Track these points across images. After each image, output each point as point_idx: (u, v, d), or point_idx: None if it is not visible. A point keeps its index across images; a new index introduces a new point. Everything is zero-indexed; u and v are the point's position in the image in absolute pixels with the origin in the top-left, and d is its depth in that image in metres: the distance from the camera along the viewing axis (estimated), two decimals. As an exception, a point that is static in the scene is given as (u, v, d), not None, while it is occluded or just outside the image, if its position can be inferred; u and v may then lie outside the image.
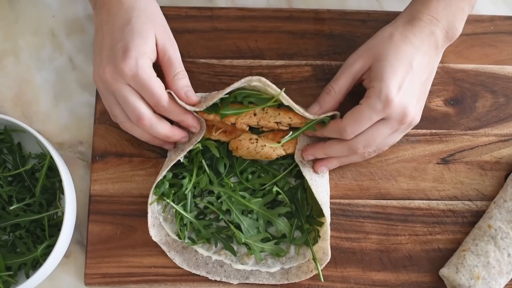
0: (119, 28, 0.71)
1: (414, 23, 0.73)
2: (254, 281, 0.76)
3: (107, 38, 0.71)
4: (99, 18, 0.73)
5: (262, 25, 0.83)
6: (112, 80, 0.70)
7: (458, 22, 0.73)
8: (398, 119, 0.71)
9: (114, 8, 0.72)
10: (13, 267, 0.76)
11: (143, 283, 0.76)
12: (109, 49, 0.71)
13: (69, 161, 0.81)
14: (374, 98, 0.70)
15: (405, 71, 0.70)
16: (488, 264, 0.73)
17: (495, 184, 0.79)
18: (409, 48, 0.71)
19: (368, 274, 0.77)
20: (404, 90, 0.70)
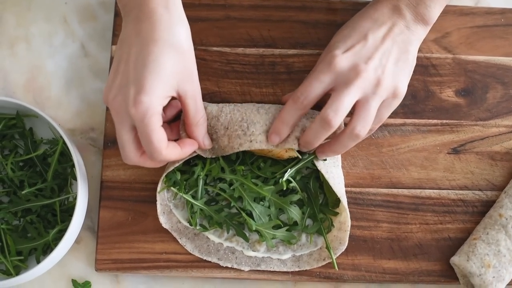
0: (144, 59, 0.65)
1: (377, 0, 0.73)
2: (265, 268, 0.76)
3: (126, 60, 0.66)
4: (128, 31, 0.68)
5: (275, 14, 0.83)
6: (117, 114, 0.67)
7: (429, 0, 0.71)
8: (351, 75, 0.68)
9: (148, 32, 0.66)
10: (24, 252, 0.76)
11: (154, 269, 0.77)
12: (124, 76, 0.66)
13: (80, 147, 0.81)
14: (320, 62, 0.70)
15: (358, 38, 0.70)
16: (498, 253, 0.74)
17: (505, 175, 0.80)
18: (367, 21, 0.71)
19: (379, 262, 0.77)
20: (354, 51, 0.69)
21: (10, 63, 0.84)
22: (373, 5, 0.73)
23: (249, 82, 0.81)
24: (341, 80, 0.68)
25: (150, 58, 0.65)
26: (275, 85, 0.81)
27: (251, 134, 0.73)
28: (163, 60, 0.65)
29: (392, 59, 0.70)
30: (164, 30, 0.66)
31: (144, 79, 0.64)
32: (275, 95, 0.81)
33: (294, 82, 0.81)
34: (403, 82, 0.71)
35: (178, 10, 0.69)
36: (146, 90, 0.64)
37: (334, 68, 0.68)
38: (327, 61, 0.69)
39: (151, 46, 0.65)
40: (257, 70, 0.82)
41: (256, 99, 0.81)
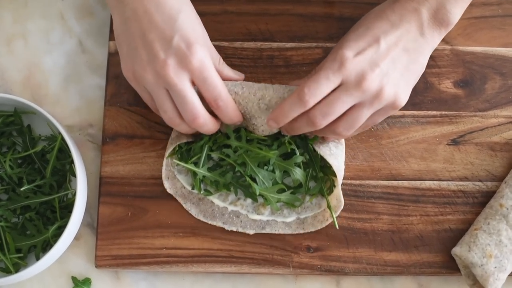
0: (170, 17, 0.66)
1: (397, 0, 0.69)
2: (270, 230, 0.77)
3: (154, 27, 0.66)
4: (132, 6, 0.67)
5: (273, 7, 0.83)
6: (175, 74, 0.66)
7: (451, 4, 0.68)
8: (355, 83, 0.65)
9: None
10: (23, 249, 0.76)
11: (154, 265, 0.76)
12: (162, 40, 0.66)
13: (79, 143, 0.81)
14: (330, 60, 0.67)
15: (371, 41, 0.67)
16: (500, 243, 0.73)
17: (505, 165, 0.80)
18: (383, 23, 0.67)
19: (380, 254, 0.77)
20: (365, 56, 0.66)
21: (8, 60, 0.83)
22: (392, 5, 0.69)
23: (247, 76, 0.81)
24: (344, 84, 0.66)
25: (175, 13, 0.67)
26: (273, 78, 0.81)
27: (254, 124, 0.74)
28: (187, 10, 0.68)
29: (399, 68, 0.67)
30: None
31: (184, 32, 0.66)
32: (274, 89, 0.81)
33: (293, 75, 0.81)
34: (405, 93, 0.69)
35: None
36: (192, 39, 0.66)
37: (344, 70, 0.65)
38: (338, 60, 0.66)
39: (168, 4, 0.67)
40: (255, 64, 0.81)
41: (254, 93, 0.80)
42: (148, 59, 0.67)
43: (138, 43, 0.67)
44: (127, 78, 0.71)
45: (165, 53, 0.66)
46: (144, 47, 0.67)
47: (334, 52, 0.68)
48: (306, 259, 0.77)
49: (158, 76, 0.67)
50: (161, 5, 0.67)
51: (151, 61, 0.67)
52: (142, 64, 0.67)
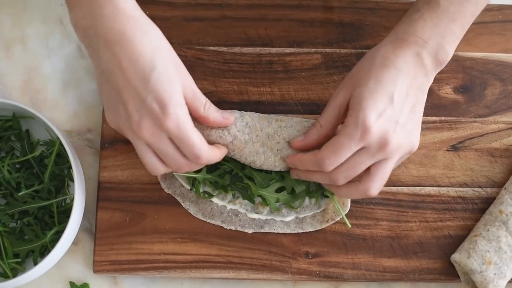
0: (143, 75, 0.64)
1: (398, 44, 0.68)
2: (269, 230, 0.77)
3: (127, 86, 0.64)
4: (106, 59, 0.65)
5: (272, 13, 0.83)
6: (151, 136, 0.65)
7: (448, 44, 0.69)
8: (378, 147, 0.66)
9: (129, 49, 0.64)
10: (21, 254, 0.75)
11: (153, 270, 0.76)
12: (135, 99, 0.64)
13: (77, 148, 0.81)
14: (352, 126, 0.65)
15: (386, 98, 0.66)
16: (499, 249, 0.73)
17: (505, 171, 0.79)
18: (391, 72, 0.67)
19: (379, 260, 0.76)
20: (385, 117, 0.65)
21: (6, 64, 0.83)
22: (394, 50, 0.68)
23: (246, 81, 0.81)
24: (367, 147, 0.66)
25: (148, 71, 0.64)
26: (272, 84, 0.81)
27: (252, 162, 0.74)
28: (161, 66, 0.64)
29: (414, 117, 0.68)
30: (143, 39, 0.64)
31: (158, 91, 0.64)
32: (273, 94, 0.81)
33: (292, 80, 0.81)
34: (417, 135, 0.69)
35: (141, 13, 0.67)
36: (166, 100, 0.64)
37: (367, 138, 0.65)
38: (361, 128, 0.65)
39: (141, 60, 0.64)
40: (254, 69, 0.81)
41: (253, 98, 0.80)
42: (125, 118, 0.66)
43: (116, 99, 0.66)
44: (113, 127, 0.69)
45: (139, 114, 0.65)
46: (121, 104, 0.66)
47: (354, 115, 0.66)
48: (304, 265, 0.76)
49: (137, 135, 0.66)
50: (134, 62, 0.64)
51: (128, 121, 0.66)
52: (121, 120, 0.66)
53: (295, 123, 0.74)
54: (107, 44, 0.64)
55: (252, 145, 0.73)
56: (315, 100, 0.80)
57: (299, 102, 0.80)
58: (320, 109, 0.79)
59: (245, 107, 0.80)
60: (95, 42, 0.65)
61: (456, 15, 0.69)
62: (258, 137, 0.73)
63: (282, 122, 0.74)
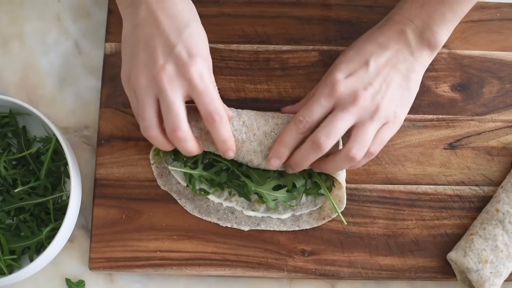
0: (178, 28, 0.67)
1: (385, 23, 0.72)
2: (265, 227, 0.77)
3: (159, 34, 0.66)
4: (144, 14, 0.67)
5: (269, 10, 0.83)
6: (169, 81, 0.65)
7: (437, 25, 0.70)
8: (349, 101, 0.67)
9: (169, 7, 0.67)
10: (17, 251, 0.75)
11: (149, 268, 0.76)
12: (164, 46, 0.66)
13: (74, 145, 0.81)
14: (321, 84, 0.70)
15: (360, 63, 0.69)
16: (496, 248, 0.73)
17: (502, 170, 0.79)
18: (372, 45, 0.70)
19: (375, 258, 0.76)
20: (356, 76, 0.69)
21: (3, 61, 0.83)
22: (380, 28, 0.73)
23: (243, 79, 0.81)
24: (339, 104, 0.68)
25: (182, 26, 0.67)
26: (269, 81, 0.81)
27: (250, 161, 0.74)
28: (195, 25, 0.68)
29: (392, 86, 0.69)
30: (183, 3, 0.68)
31: (189, 43, 0.66)
32: (270, 91, 0.80)
33: (289, 78, 0.81)
34: (403, 108, 0.71)
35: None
36: (195, 51, 0.66)
37: (335, 93, 0.68)
38: (329, 84, 0.69)
39: (178, 17, 0.67)
40: (251, 67, 0.81)
41: (250, 96, 0.80)
42: (147, 62, 0.66)
43: (141, 47, 0.67)
44: (123, 80, 0.70)
45: (165, 58, 0.66)
46: (146, 50, 0.67)
47: (326, 77, 0.71)
48: (300, 263, 0.76)
49: (151, 80, 0.66)
50: (172, 16, 0.67)
51: (149, 65, 0.66)
52: (139, 66, 0.67)
53: None
54: (149, 1, 0.67)
55: (250, 144, 0.73)
56: (312, 97, 0.80)
57: (296, 99, 0.80)
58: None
59: (242, 104, 0.79)
60: (138, 1, 0.68)
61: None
62: (255, 136, 0.73)
63: (278, 119, 0.74)
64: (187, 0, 0.70)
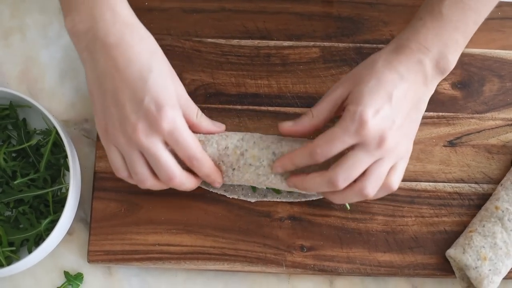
0: (140, 76, 0.65)
1: (401, 50, 0.68)
2: (272, 198, 0.77)
3: (124, 87, 0.65)
4: (103, 62, 0.66)
5: (271, 6, 0.83)
6: (146, 138, 0.65)
7: (450, 53, 0.68)
8: (375, 144, 0.65)
9: (127, 52, 0.65)
10: (16, 243, 0.75)
11: (147, 261, 0.76)
12: (132, 101, 0.65)
13: (74, 138, 0.81)
14: (348, 120, 0.65)
15: (385, 97, 0.65)
16: (495, 245, 0.73)
17: (501, 168, 0.79)
18: (392, 75, 0.67)
19: (374, 255, 0.76)
20: (383, 114, 0.65)
21: (4, 54, 0.83)
22: (398, 55, 0.68)
23: (244, 74, 0.81)
24: (364, 144, 0.65)
25: (145, 72, 0.65)
26: (270, 76, 0.81)
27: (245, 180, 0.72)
28: (157, 69, 0.66)
29: (407, 120, 0.67)
30: (140, 43, 0.66)
31: (155, 93, 0.64)
32: (270, 87, 0.80)
33: (289, 73, 0.81)
34: (412, 141, 0.69)
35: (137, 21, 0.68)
36: (162, 101, 0.65)
37: (363, 132, 0.64)
38: (357, 122, 0.64)
39: (138, 62, 0.65)
40: (252, 62, 0.81)
41: (251, 91, 0.80)
42: (120, 121, 0.65)
43: (110, 102, 0.66)
44: (100, 133, 0.69)
45: (136, 115, 0.65)
46: (116, 107, 0.65)
47: (351, 109, 0.65)
48: (299, 258, 0.76)
49: (130, 139, 0.65)
50: (132, 63, 0.65)
51: (123, 123, 0.65)
52: (114, 124, 0.66)
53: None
54: (105, 47, 0.65)
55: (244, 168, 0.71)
56: (312, 93, 0.80)
57: (296, 95, 0.80)
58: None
59: (242, 99, 0.80)
60: (92, 45, 0.66)
61: (458, 24, 0.68)
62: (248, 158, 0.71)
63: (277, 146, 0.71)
64: (143, 37, 0.68)
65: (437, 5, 0.68)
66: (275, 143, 0.71)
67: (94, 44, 0.66)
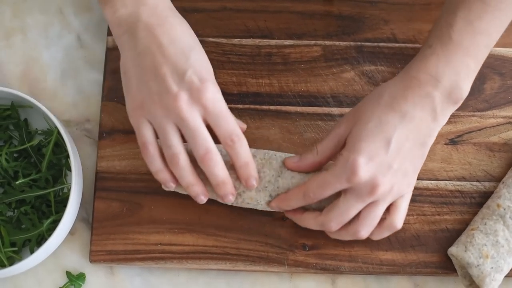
0: (183, 52, 0.66)
1: (409, 83, 0.65)
2: None
3: (166, 62, 0.66)
4: (145, 41, 0.67)
5: (272, 5, 0.83)
6: (187, 108, 0.64)
7: (463, 81, 0.65)
8: (366, 191, 0.64)
9: (171, 31, 0.67)
10: (18, 243, 0.75)
11: (149, 261, 0.76)
12: (174, 73, 0.65)
13: (76, 138, 0.81)
14: (339, 166, 0.65)
15: (383, 143, 0.64)
16: (497, 243, 0.73)
17: (503, 166, 0.79)
18: (395, 115, 0.64)
19: (376, 253, 0.76)
20: (377, 161, 0.64)
21: (6, 54, 0.83)
22: (403, 93, 0.65)
23: (245, 73, 0.81)
24: (355, 190, 0.65)
25: (188, 50, 0.67)
26: (271, 75, 0.81)
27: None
28: (199, 48, 0.69)
29: (409, 159, 0.66)
30: (182, 25, 0.69)
31: (198, 67, 0.66)
32: (271, 86, 0.80)
33: (290, 72, 0.81)
34: (415, 175, 0.68)
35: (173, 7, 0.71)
36: (205, 75, 0.66)
37: (354, 179, 0.64)
38: (349, 169, 0.63)
39: (181, 41, 0.67)
40: (253, 61, 0.81)
41: (252, 90, 0.80)
42: (160, 92, 0.65)
43: (150, 77, 0.66)
44: (130, 111, 0.68)
45: (178, 86, 0.65)
46: (156, 80, 0.66)
47: (345, 155, 0.65)
48: (301, 257, 0.76)
49: (168, 109, 0.65)
50: (175, 41, 0.67)
51: (163, 95, 0.65)
52: (152, 97, 0.66)
53: None
54: (147, 27, 0.67)
55: None
56: (313, 92, 0.80)
57: (297, 94, 0.80)
58: (318, 101, 0.80)
59: (243, 99, 0.80)
60: (135, 27, 0.67)
61: (470, 49, 0.65)
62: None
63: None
64: (183, 21, 0.70)
65: (446, 31, 0.66)
66: (272, 182, 0.71)
67: (136, 26, 0.67)
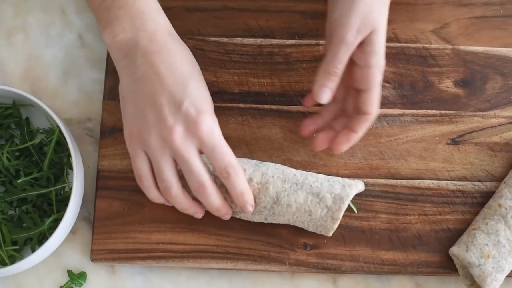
0: (181, 81, 0.66)
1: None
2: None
3: (163, 91, 0.66)
4: (143, 67, 0.67)
5: (273, 4, 0.83)
6: (182, 141, 0.65)
7: None
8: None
9: (169, 59, 0.67)
10: (19, 242, 0.75)
11: (150, 259, 0.76)
12: (171, 104, 0.65)
13: (77, 137, 0.81)
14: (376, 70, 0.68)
15: None
16: (498, 243, 0.73)
17: (504, 165, 0.79)
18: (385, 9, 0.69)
19: (377, 253, 0.76)
20: None
21: (8, 53, 0.83)
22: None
23: (246, 72, 0.81)
24: None
25: (186, 79, 0.66)
26: (272, 75, 0.81)
27: None
28: (197, 77, 0.68)
29: None
30: (182, 52, 0.69)
31: (195, 98, 0.66)
32: (273, 85, 0.80)
33: (292, 72, 0.81)
34: None
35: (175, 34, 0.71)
36: (202, 106, 0.66)
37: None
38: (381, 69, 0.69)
39: (180, 69, 0.67)
40: (254, 60, 0.81)
41: (253, 89, 0.80)
42: (156, 123, 0.66)
43: (146, 105, 0.66)
44: (127, 138, 0.69)
45: (174, 118, 0.65)
46: (153, 109, 0.66)
47: (373, 62, 0.69)
48: (302, 256, 0.76)
49: (164, 141, 0.65)
50: (173, 69, 0.67)
51: (158, 125, 0.65)
52: (148, 126, 0.66)
53: None
54: (146, 54, 0.67)
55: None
56: (315, 91, 0.80)
57: (299, 93, 0.80)
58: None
59: (245, 98, 0.80)
60: (133, 53, 0.67)
61: None
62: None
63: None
64: (183, 46, 0.70)
65: None
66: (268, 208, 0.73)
67: (135, 52, 0.67)
